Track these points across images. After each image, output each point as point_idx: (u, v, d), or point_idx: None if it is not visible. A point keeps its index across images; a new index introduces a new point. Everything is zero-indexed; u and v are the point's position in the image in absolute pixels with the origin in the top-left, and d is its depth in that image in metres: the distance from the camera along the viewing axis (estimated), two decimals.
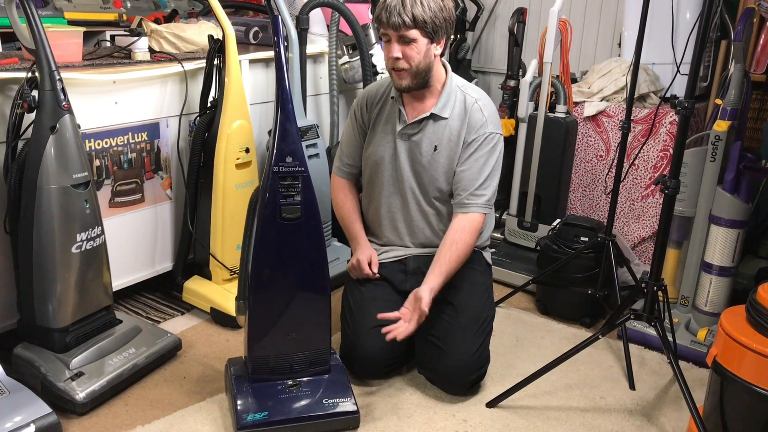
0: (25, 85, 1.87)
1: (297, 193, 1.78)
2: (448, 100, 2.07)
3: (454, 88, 2.09)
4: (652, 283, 1.99)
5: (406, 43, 1.94)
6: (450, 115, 2.07)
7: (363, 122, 2.20)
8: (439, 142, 2.07)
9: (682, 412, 2.04)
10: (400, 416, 1.98)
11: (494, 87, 3.86)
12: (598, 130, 3.08)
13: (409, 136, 2.10)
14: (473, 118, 2.06)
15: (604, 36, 3.54)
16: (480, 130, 2.06)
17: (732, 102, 2.30)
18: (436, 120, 2.07)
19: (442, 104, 2.06)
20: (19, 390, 1.86)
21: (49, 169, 1.85)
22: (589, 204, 3.20)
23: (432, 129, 2.08)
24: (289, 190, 1.78)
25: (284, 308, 1.86)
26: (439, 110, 2.06)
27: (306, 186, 1.79)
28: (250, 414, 1.82)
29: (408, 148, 2.11)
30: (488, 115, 2.07)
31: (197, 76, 2.48)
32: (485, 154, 2.07)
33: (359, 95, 2.24)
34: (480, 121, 2.06)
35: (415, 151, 2.10)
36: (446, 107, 2.07)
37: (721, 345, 1.70)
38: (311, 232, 1.82)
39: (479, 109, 2.07)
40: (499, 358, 2.29)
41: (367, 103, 2.19)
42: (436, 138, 2.08)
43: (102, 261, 2.04)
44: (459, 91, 2.10)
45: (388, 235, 2.22)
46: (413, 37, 1.92)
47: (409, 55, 1.95)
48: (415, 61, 1.96)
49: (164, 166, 2.49)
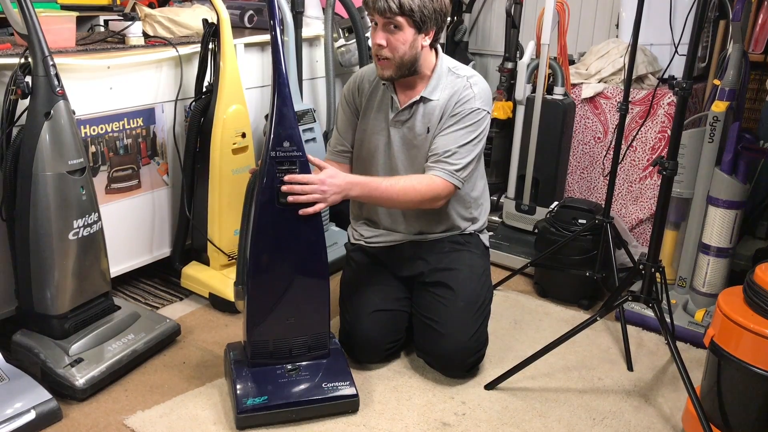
0: (18, 71, 1.86)
1: None
2: (438, 83, 2.04)
3: (444, 71, 2.06)
4: (649, 264, 2.00)
5: (391, 31, 1.90)
6: (440, 97, 2.04)
7: (355, 105, 2.17)
8: (431, 124, 2.06)
9: (679, 393, 2.05)
10: (400, 399, 1.99)
11: (491, 69, 3.84)
12: (596, 111, 3.07)
13: (402, 122, 2.08)
14: (461, 93, 2.02)
15: (602, 17, 3.52)
16: (467, 104, 2.01)
17: (730, 82, 2.29)
18: (426, 102, 2.05)
19: (431, 87, 2.04)
20: (19, 376, 1.87)
21: (45, 156, 1.85)
22: (587, 186, 3.20)
23: (423, 111, 2.05)
24: (287, 174, 1.77)
25: (283, 293, 1.86)
26: (428, 93, 2.04)
27: (304, 171, 1.79)
28: (249, 398, 1.82)
29: (401, 134, 2.09)
30: (477, 92, 2.02)
31: (192, 60, 2.47)
32: (467, 127, 2.00)
33: (350, 79, 2.21)
34: (468, 96, 2.01)
35: (409, 136, 2.08)
36: (436, 90, 2.04)
37: (719, 325, 1.70)
38: (309, 216, 1.81)
39: (468, 86, 2.03)
40: (497, 340, 2.29)
41: (358, 87, 2.16)
42: (427, 119, 2.06)
43: (99, 247, 2.04)
44: (450, 72, 2.06)
45: (384, 222, 2.21)
46: (399, 25, 1.88)
47: (394, 44, 1.91)
48: (399, 52, 1.92)
49: (160, 152, 2.48)
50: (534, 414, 1.95)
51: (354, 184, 1.90)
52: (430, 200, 1.99)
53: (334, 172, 1.88)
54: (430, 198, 1.98)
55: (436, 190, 1.97)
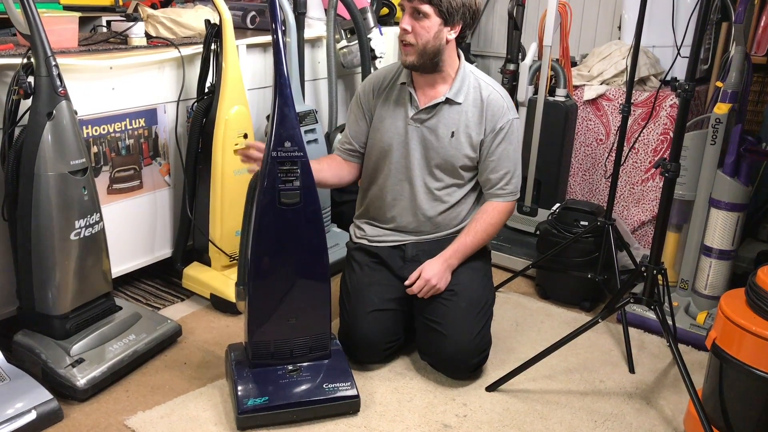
0: (21, 71, 1.86)
1: (296, 178, 1.78)
2: (462, 85, 2.06)
3: (468, 74, 2.08)
4: (651, 266, 1.99)
5: (417, 18, 1.93)
6: (464, 101, 2.06)
7: (369, 107, 2.17)
8: (456, 128, 2.06)
9: (681, 395, 2.05)
10: (401, 400, 1.99)
11: (494, 71, 3.84)
12: (598, 113, 3.07)
13: (423, 121, 2.08)
14: (496, 106, 2.06)
15: (604, 19, 3.52)
16: (503, 117, 2.07)
17: (733, 85, 2.28)
18: (451, 105, 2.06)
19: (456, 89, 2.05)
20: (20, 377, 1.87)
21: (47, 156, 1.85)
22: (589, 188, 3.19)
23: (447, 114, 2.06)
24: (288, 175, 1.77)
25: (284, 294, 1.86)
26: (453, 95, 2.05)
27: (305, 171, 1.79)
28: (250, 399, 1.82)
29: (420, 134, 2.09)
30: (507, 102, 2.09)
31: (194, 61, 2.47)
32: (512, 144, 2.10)
33: (366, 80, 2.22)
34: (503, 109, 2.07)
35: (430, 137, 2.08)
36: (460, 92, 2.06)
37: (721, 328, 1.70)
38: (310, 217, 1.81)
39: (498, 95, 2.07)
40: (498, 342, 2.29)
41: (373, 89, 2.17)
42: (453, 123, 2.06)
43: (101, 248, 2.04)
44: (472, 76, 2.09)
45: (390, 221, 2.21)
46: (426, 12, 1.91)
47: (418, 31, 1.94)
48: (423, 39, 1.94)
49: (162, 153, 2.48)
50: (535, 416, 1.95)
51: (449, 258, 2.09)
52: (502, 224, 2.17)
53: (425, 266, 2.07)
54: (503, 222, 2.17)
55: (505, 213, 2.16)
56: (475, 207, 2.21)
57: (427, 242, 2.18)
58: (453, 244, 2.11)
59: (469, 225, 2.14)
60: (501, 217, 2.14)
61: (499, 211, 2.13)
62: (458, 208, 2.17)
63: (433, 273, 2.05)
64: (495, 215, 2.13)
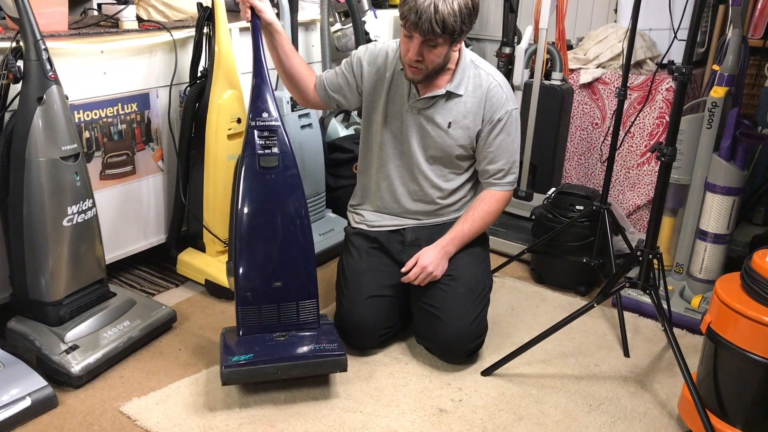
0: (10, 55, 1.83)
1: (274, 145, 1.92)
2: (463, 76, 2.04)
3: (468, 64, 2.05)
4: (647, 251, 1.99)
5: (429, 49, 1.89)
6: (464, 92, 2.04)
7: (360, 73, 2.12)
8: (454, 119, 2.05)
9: (675, 379, 2.06)
10: (396, 385, 1.99)
11: (489, 54, 3.81)
12: (594, 97, 3.05)
13: (420, 110, 2.06)
14: (495, 96, 2.04)
15: (600, 2, 3.49)
16: (502, 108, 2.05)
17: (729, 68, 2.27)
18: (450, 97, 2.04)
19: (457, 82, 2.03)
20: (14, 363, 1.87)
21: (38, 142, 1.83)
22: (585, 172, 3.19)
23: (446, 105, 2.05)
24: (267, 141, 1.91)
25: (268, 256, 1.93)
26: (454, 88, 2.03)
27: (281, 138, 1.93)
28: (236, 355, 1.85)
29: (418, 122, 2.07)
30: (507, 93, 2.07)
31: (187, 45, 2.44)
32: (511, 134, 2.08)
33: (367, 48, 2.14)
34: (502, 100, 2.05)
35: (427, 126, 2.07)
36: (461, 84, 2.04)
37: (716, 312, 1.70)
38: (290, 181, 1.93)
39: (498, 86, 2.05)
40: (494, 327, 2.29)
41: (370, 60, 2.11)
42: (450, 114, 2.05)
43: (94, 234, 2.02)
44: (473, 66, 2.06)
45: (387, 206, 2.20)
46: (438, 42, 1.88)
47: (431, 59, 1.91)
48: (434, 64, 1.93)
49: (155, 138, 2.46)
50: (530, 400, 1.95)
51: (446, 246, 2.09)
52: (500, 212, 2.17)
53: (421, 253, 2.07)
54: (500, 210, 2.17)
55: (503, 201, 2.16)
56: (474, 191, 2.21)
57: (427, 227, 2.18)
58: (450, 232, 2.11)
59: (467, 213, 2.14)
60: (498, 206, 2.14)
61: (496, 200, 2.13)
62: (458, 193, 2.18)
63: (430, 260, 2.05)
64: (492, 203, 2.13)
